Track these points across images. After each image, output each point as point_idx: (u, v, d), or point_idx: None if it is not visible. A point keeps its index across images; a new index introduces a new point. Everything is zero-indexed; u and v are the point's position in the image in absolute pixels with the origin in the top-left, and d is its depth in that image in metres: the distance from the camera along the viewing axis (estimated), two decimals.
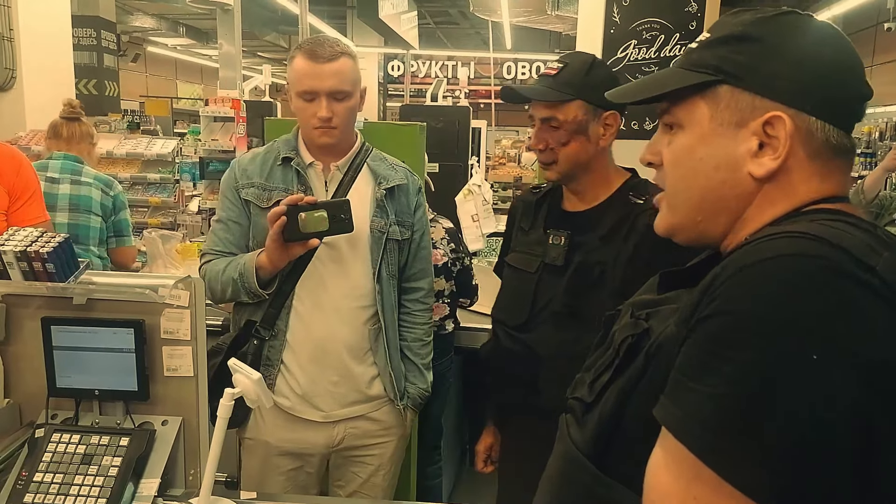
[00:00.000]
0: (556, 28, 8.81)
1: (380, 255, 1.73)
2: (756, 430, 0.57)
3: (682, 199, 0.78)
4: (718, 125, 0.73)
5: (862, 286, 0.58)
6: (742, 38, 0.73)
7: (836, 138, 0.71)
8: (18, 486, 1.26)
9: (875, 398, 0.56)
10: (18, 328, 1.38)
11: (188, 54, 17.05)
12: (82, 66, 6.55)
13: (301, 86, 1.63)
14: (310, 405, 1.73)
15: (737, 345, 0.59)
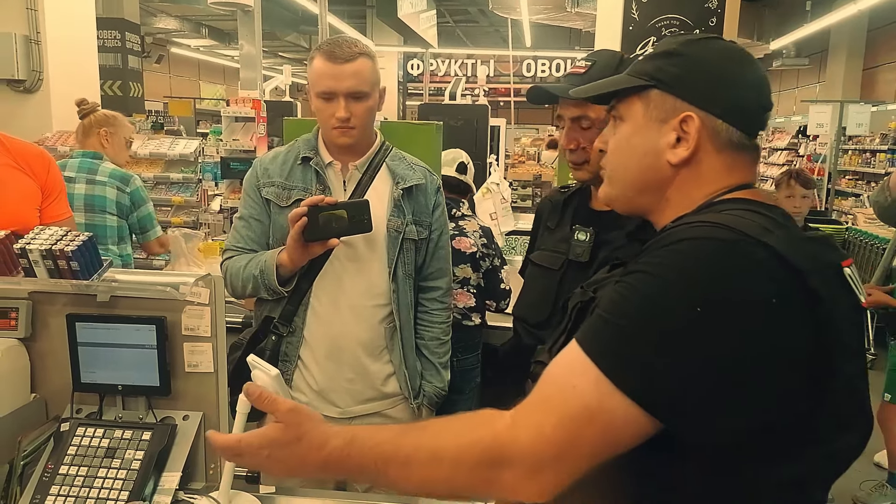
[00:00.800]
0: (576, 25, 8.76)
1: (396, 255, 1.74)
2: (638, 351, 0.75)
3: (619, 177, 0.97)
4: (649, 120, 0.91)
5: (748, 260, 0.75)
6: (673, 54, 0.92)
7: (737, 138, 0.89)
8: (45, 478, 1.29)
9: (735, 346, 0.73)
10: (44, 325, 1.41)
11: (210, 55, 17.24)
12: (107, 67, 6.65)
13: (320, 86, 1.65)
14: (326, 401, 1.75)
15: (639, 292, 0.77)
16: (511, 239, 4.12)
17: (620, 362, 0.76)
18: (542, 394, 0.80)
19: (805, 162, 10.28)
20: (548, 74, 15.06)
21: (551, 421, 0.76)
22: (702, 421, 0.75)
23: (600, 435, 0.76)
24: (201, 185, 4.71)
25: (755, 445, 0.77)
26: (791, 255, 0.75)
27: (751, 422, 0.75)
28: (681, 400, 0.74)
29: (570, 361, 0.79)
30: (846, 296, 0.80)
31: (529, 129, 14.03)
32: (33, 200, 1.87)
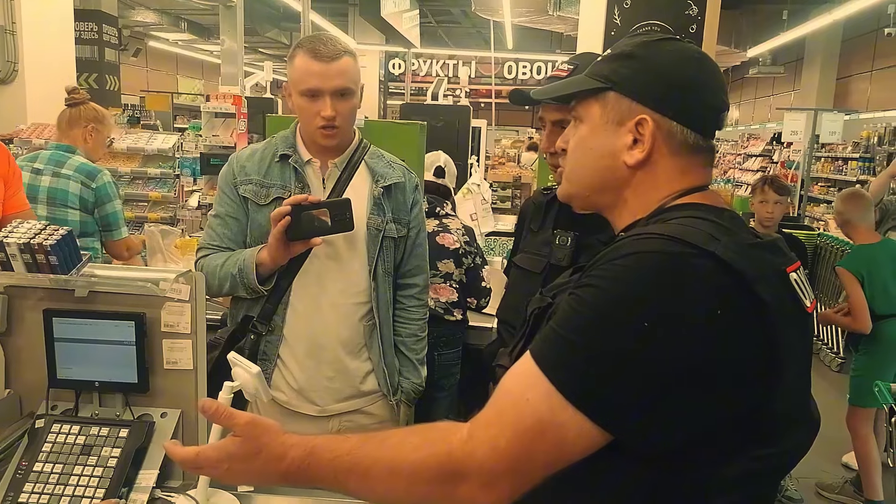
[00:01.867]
0: (558, 29, 8.82)
1: (376, 253, 1.75)
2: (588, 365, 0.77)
3: (577, 176, 0.99)
4: (606, 122, 0.93)
5: (692, 270, 0.76)
6: (629, 56, 0.93)
7: (693, 140, 0.90)
8: (18, 475, 1.27)
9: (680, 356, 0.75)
10: (20, 319, 1.39)
11: (189, 49, 17.03)
12: (83, 59, 6.56)
13: (305, 84, 1.63)
14: (305, 399, 1.75)
15: (588, 307, 0.79)
16: (490, 240, 4.14)
17: (571, 376, 0.77)
18: (497, 406, 0.81)
19: (779, 168, 10.45)
20: (529, 77, 15.15)
21: (506, 435, 0.78)
22: (651, 430, 0.77)
23: (553, 447, 0.77)
24: (179, 180, 4.66)
25: (703, 447, 0.79)
26: (735, 262, 0.76)
27: (698, 426, 0.77)
28: (630, 412, 0.76)
29: (524, 374, 0.80)
30: (792, 300, 0.82)
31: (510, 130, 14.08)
32: None
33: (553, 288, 0.97)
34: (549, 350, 0.80)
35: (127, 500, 1.26)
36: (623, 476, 0.81)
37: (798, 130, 8.14)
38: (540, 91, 1.08)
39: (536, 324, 0.93)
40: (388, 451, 0.83)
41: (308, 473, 0.85)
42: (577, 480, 0.81)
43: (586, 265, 0.86)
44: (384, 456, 0.83)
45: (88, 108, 2.88)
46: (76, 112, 2.85)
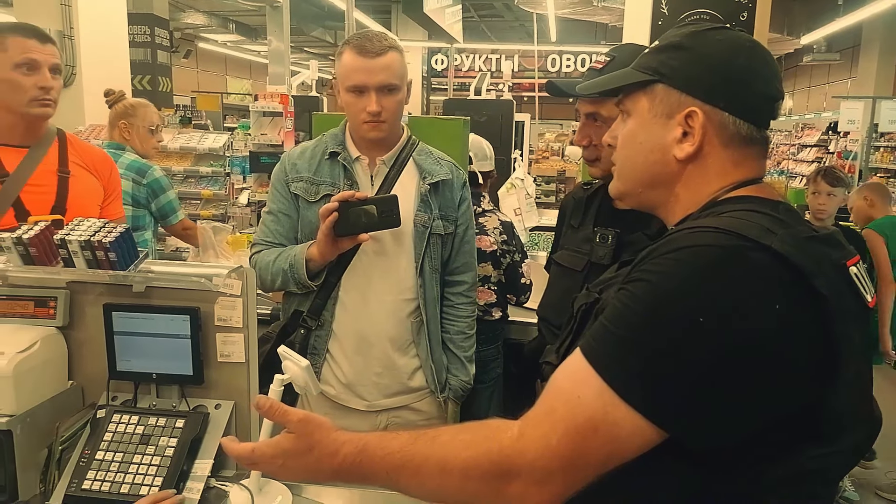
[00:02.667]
0: (603, 20, 8.69)
1: (423, 250, 1.75)
2: (641, 361, 0.75)
3: (627, 172, 0.97)
4: (654, 116, 0.91)
5: (749, 265, 0.74)
6: (677, 47, 0.91)
7: (746, 131, 0.88)
8: (82, 463, 1.33)
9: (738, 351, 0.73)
10: (81, 314, 1.45)
11: (238, 50, 17.39)
12: (137, 62, 6.77)
13: (351, 80, 1.65)
14: (354, 394, 1.77)
15: (641, 303, 0.77)
16: (534, 234, 4.12)
17: (624, 373, 0.76)
18: (548, 404, 0.80)
19: (835, 159, 10.10)
20: (573, 69, 14.97)
21: (557, 432, 0.77)
22: (705, 428, 0.75)
23: (607, 445, 0.76)
24: (229, 178, 4.77)
25: (755, 446, 0.77)
26: (793, 256, 0.74)
27: (752, 424, 0.76)
28: (684, 409, 0.75)
29: (575, 371, 0.79)
30: (852, 295, 0.80)
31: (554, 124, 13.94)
32: (97, 198, 1.97)
33: (600, 283, 0.96)
34: (601, 346, 0.79)
35: (183, 489, 1.30)
36: (671, 475, 0.80)
37: (855, 119, 7.86)
38: (586, 85, 1.07)
39: (584, 320, 0.92)
40: (439, 449, 0.83)
41: (360, 470, 0.86)
42: (623, 479, 0.80)
43: (635, 259, 0.85)
44: (435, 453, 0.83)
45: (118, 107, 2.98)
46: (111, 113, 2.98)
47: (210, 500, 1.32)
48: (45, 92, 1.78)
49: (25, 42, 1.76)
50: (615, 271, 0.98)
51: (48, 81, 1.79)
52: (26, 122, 1.82)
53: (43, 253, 1.32)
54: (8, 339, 1.34)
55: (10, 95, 1.76)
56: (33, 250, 1.32)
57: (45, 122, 1.88)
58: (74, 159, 1.92)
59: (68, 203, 1.85)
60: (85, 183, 1.93)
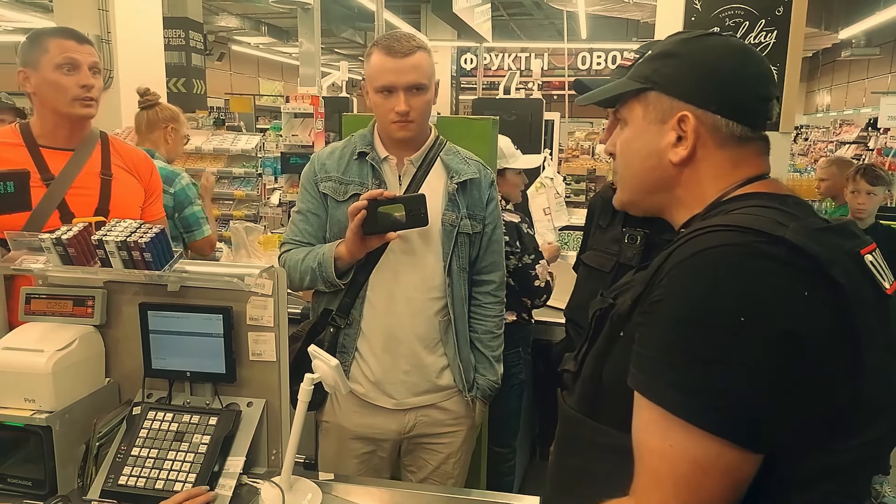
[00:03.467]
0: (634, 16, 8.60)
1: (451, 249, 1.76)
2: (708, 384, 0.73)
3: (628, 181, 0.98)
4: (649, 123, 0.92)
5: (767, 258, 0.74)
6: (668, 55, 0.93)
7: (740, 132, 0.88)
8: (118, 458, 1.36)
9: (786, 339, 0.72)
10: (118, 313, 1.48)
11: (269, 52, 17.60)
12: (172, 65, 6.89)
13: (379, 81, 1.66)
14: (382, 392, 1.78)
15: (680, 323, 0.75)
16: (564, 234, 4.09)
17: (695, 403, 0.73)
18: (648, 468, 0.77)
19: (875, 156, 9.83)
20: (603, 67, 14.82)
21: (670, 490, 0.74)
22: (769, 432, 0.73)
23: (725, 479, 0.73)
24: (261, 179, 4.83)
25: (793, 441, 0.75)
26: (807, 245, 0.74)
27: (795, 419, 0.74)
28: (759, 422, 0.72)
29: (652, 422, 0.77)
30: (868, 283, 0.79)
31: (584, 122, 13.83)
32: (138, 200, 2.01)
33: (615, 289, 0.95)
34: (660, 383, 0.76)
35: (216, 485, 1.32)
36: None
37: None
38: (584, 97, 1.08)
39: (598, 326, 0.91)
40: None
41: None
42: None
43: (650, 265, 0.84)
44: None
45: (164, 109, 2.91)
46: (153, 114, 2.88)
47: (242, 496, 1.34)
48: (87, 90, 1.83)
49: (64, 43, 1.81)
50: (632, 276, 0.97)
51: (89, 80, 1.83)
52: (70, 124, 1.87)
53: (81, 253, 1.36)
54: (47, 337, 1.38)
55: (54, 96, 1.81)
56: (72, 251, 1.35)
57: (89, 123, 1.93)
58: (117, 161, 1.97)
59: (111, 205, 1.90)
60: (127, 185, 1.97)
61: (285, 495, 1.27)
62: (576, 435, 0.93)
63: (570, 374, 0.96)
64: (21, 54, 1.83)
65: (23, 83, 1.83)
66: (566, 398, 0.96)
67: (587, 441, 0.90)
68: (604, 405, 0.89)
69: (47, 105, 1.83)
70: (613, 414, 0.85)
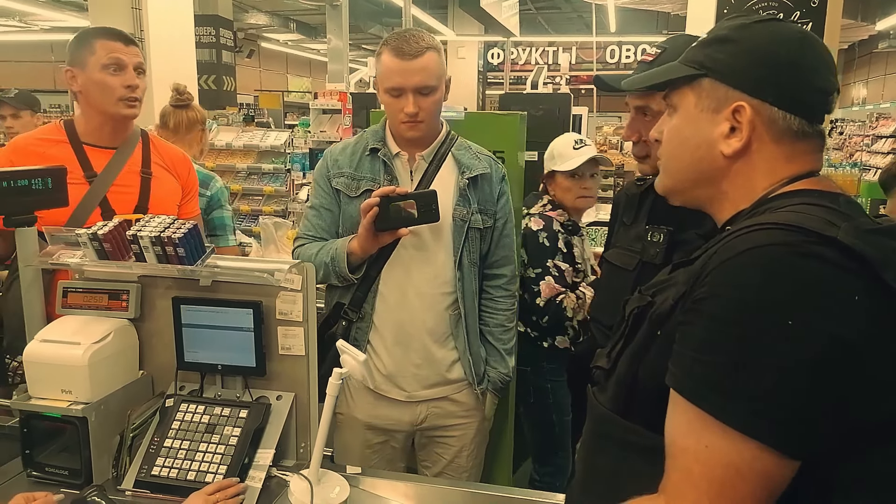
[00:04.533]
0: (665, 8, 8.48)
1: (461, 244, 1.77)
2: (749, 386, 0.71)
3: (673, 169, 0.95)
4: (701, 111, 0.89)
5: (818, 259, 0.71)
6: (724, 40, 0.88)
7: (797, 126, 0.84)
8: (151, 449, 1.39)
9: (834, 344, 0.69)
10: (152, 306, 1.51)
11: (298, 49, 17.74)
12: (203, 62, 6.98)
13: (389, 82, 1.68)
14: (394, 385, 1.81)
15: (726, 323, 0.73)
16: (592, 230, 4.06)
17: (736, 406, 0.71)
18: (681, 468, 0.76)
19: None
20: (632, 61, 14.65)
21: (704, 491, 0.73)
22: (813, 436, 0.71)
23: (759, 483, 0.72)
24: (290, 175, 4.88)
25: (834, 448, 0.73)
26: (858, 247, 0.71)
27: (838, 426, 0.72)
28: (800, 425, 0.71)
29: (688, 421, 0.75)
30: None
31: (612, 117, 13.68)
32: (176, 198, 2.05)
33: (652, 286, 0.93)
34: (701, 384, 0.74)
35: (246, 477, 1.34)
36: None
37: None
38: (631, 80, 1.05)
39: (636, 324, 0.89)
40: None
41: None
42: None
43: (688, 262, 0.82)
44: None
45: (199, 110, 2.90)
46: (193, 114, 2.86)
47: (271, 488, 1.36)
48: (132, 91, 1.86)
49: (111, 44, 1.84)
50: (668, 273, 0.95)
51: (134, 80, 1.87)
52: (114, 123, 1.91)
53: (116, 248, 1.38)
54: (84, 330, 1.41)
55: (100, 96, 1.85)
56: (107, 246, 1.38)
57: (132, 122, 1.96)
58: (156, 160, 2.00)
59: (150, 203, 1.94)
60: (165, 183, 2.01)
61: (313, 488, 1.28)
62: (606, 433, 0.92)
63: (602, 370, 0.94)
64: (69, 53, 1.87)
65: (69, 82, 1.87)
66: (597, 395, 0.94)
67: (617, 440, 0.89)
68: (637, 405, 0.87)
69: (92, 104, 1.87)
70: (646, 414, 0.84)
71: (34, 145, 1.87)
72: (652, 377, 0.83)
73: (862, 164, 11.67)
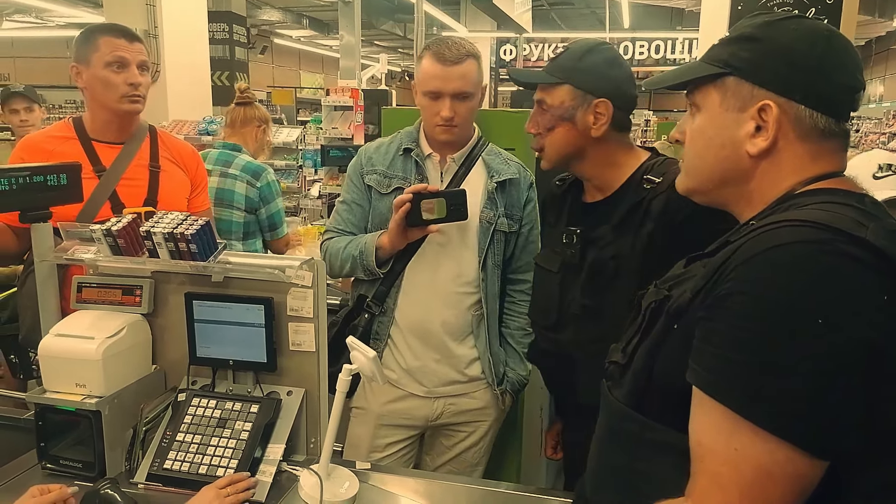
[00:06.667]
0: (679, 4, 8.43)
1: (486, 245, 1.79)
2: (780, 386, 0.70)
3: (697, 169, 0.94)
4: (725, 110, 0.87)
5: (848, 259, 0.70)
6: (749, 38, 0.87)
7: (824, 124, 0.83)
8: (164, 443, 1.40)
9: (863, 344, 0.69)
10: (164, 302, 1.52)
11: (311, 45, 17.77)
12: (216, 58, 7.00)
13: (428, 86, 1.71)
14: (413, 380, 1.82)
15: (754, 321, 0.71)
16: None
17: (767, 406, 0.70)
18: (709, 470, 0.74)
19: None
20: (646, 57, 14.54)
21: (735, 497, 0.72)
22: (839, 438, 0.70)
23: (790, 485, 0.71)
24: (301, 171, 4.89)
25: (862, 451, 0.72)
26: (888, 248, 0.71)
27: (867, 428, 0.71)
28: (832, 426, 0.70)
29: (718, 423, 0.73)
30: None
31: None
32: (185, 191, 2.07)
33: (668, 280, 0.93)
34: (731, 383, 0.73)
35: (256, 471, 1.35)
36: None
37: None
38: (654, 79, 1.05)
39: (653, 318, 0.88)
40: None
41: None
42: None
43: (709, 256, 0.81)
44: None
45: (260, 109, 3.01)
46: (251, 111, 2.97)
47: (281, 483, 1.36)
48: (134, 88, 1.88)
49: (115, 41, 1.86)
50: (683, 267, 0.94)
51: (136, 78, 1.89)
52: (119, 119, 1.93)
53: (130, 244, 1.40)
54: (98, 324, 1.43)
55: (103, 92, 1.87)
56: (121, 241, 1.39)
57: (137, 117, 1.98)
58: (164, 154, 2.03)
59: (159, 196, 1.96)
60: (174, 177, 2.03)
61: (323, 482, 1.29)
62: (621, 428, 0.91)
63: (617, 366, 0.94)
64: (74, 50, 1.89)
65: (75, 78, 1.90)
66: (613, 391, 0.93)
67: (634, 436, 0.88)
68: (652, 400, 0.87)
69: (97, 100, 1.89)
70: (662, 409, 0.84)
71: (44, 143, 1.90)
72: (667, 372, 0.83)
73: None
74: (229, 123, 2.99)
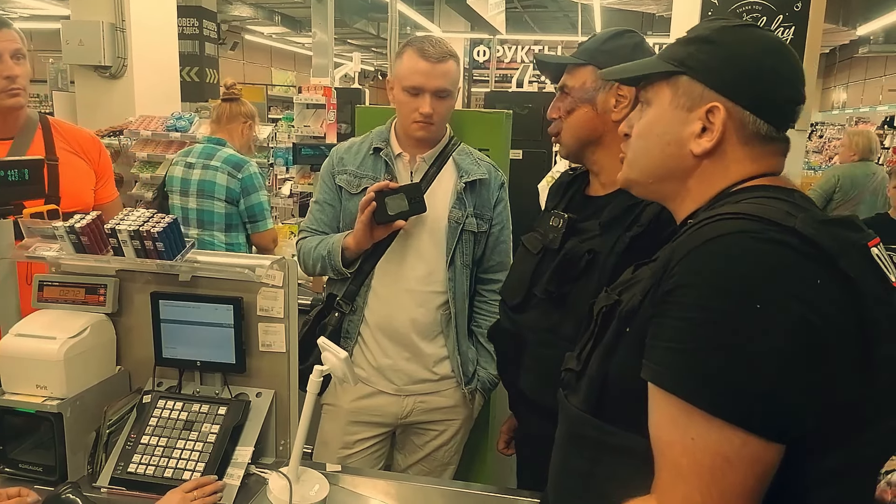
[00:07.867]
0: (650, 9, 8.54)
1: (454, 244, 1.79)
2: (727, 372, 0.72)
3: (640, 163, 0.96)
4: (675, 108, 0.90)
5: (781, 245, 0.74)
6: (706, 41, 0.90)
7: (765, 131, 0.87)
8: (128, 446, 1.37)
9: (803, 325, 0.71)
10: (130, 301, 1.49)
11: (283, 42, 17.60)
12: (185, 54, 6.87)
13: (409, 81, 1.71)
14: (383, 377, 1.83)
15: (697, 310, 0.74)
16: None
17: (716, 392, 0.72)
18: (669, 463, 0.76)
19: (891, 154, 9.73)
20: None
21: (694, 484, 0.73)
22: (784, 422, 0.72)
23: (750, 469, 0.72)
24: (273, 169, 4.84)
25: (811, 432, 0.74)
26: (816, 237, 0.74)
27: (813, 408, 0.73)
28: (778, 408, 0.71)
29: (670, 414, 0.75)
30: (875, 277, 0.78)
31: None
32: (89, 182, 1.95)
33: (618, 285, 0.94)
34: (680, 374, 0.74)
35: (224, 474, 1.33)
36: None
37: None
38: (610, 71, 1.05)
39: (605, 323, 0.90)
40: None
41: None
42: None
43: (652, 261, 0.83)
44: None
45: (246, 105, 2.98)
46: (236, 107, 2.94)
47: (250, 486, 1.34)
48: (11, 81, 1.73)
49: None
50: (632, 273, 0.96)
51: (12, 69, 1.73)
52: (2, 115, 1.79)
53: (94, 241, 1.36)
54: (59, 324, 1.39)
55: None
56: (85, 239, 1.36)
57: (23, 110, 1.83)
58: (61, 145, 1.89)
59: (61, 191, 1.81)
60: (75, 168, 1.90)
61: (293, 486, 1.27)
62: (580, 434, 0.92)
63: (572, 373, 0.95)
64: None
65: None
66: (570, 398, 0.94)
67: (593, 441, 0.89)
68: (610, 404, 0.88)
69: None
70: (620, 413, 0.85)
71: None
72: (622, 375, 0.84)
73: None
74: (215, 119, 2.97)
